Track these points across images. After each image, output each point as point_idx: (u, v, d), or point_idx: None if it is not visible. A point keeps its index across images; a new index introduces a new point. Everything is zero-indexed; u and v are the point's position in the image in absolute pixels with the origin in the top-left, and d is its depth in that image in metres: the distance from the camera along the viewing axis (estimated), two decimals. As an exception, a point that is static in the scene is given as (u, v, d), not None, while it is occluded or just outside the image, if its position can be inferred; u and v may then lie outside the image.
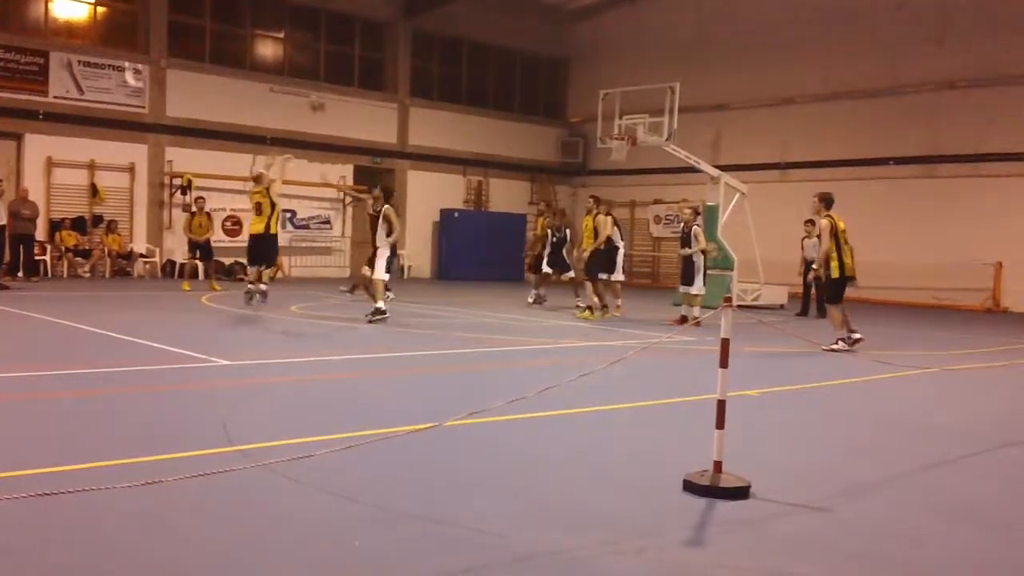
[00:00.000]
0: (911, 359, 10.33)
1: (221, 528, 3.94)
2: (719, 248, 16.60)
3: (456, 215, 26.72)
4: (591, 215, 15.09)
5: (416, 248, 26.71)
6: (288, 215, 22.97)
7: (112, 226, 20.94)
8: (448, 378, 8.72)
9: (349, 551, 3.73)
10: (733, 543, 4.04)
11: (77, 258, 20.49)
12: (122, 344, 9.77)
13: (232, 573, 3.48)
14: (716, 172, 17.96)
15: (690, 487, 4.68)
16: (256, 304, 13.12)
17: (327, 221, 25.06)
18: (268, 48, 24.96)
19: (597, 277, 14.82)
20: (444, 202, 26.96)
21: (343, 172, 24.63)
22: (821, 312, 16.07)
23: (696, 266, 14.32)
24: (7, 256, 17.74)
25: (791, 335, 11.28)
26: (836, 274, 11.07)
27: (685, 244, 14.57)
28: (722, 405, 4.75)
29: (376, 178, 26.03)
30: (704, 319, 7.15)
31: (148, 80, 21.83)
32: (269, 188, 13.43)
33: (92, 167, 21.01)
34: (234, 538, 3.83)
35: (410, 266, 26.36)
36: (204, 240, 18.21)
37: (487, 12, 27.01)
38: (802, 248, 17.55)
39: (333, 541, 3.82)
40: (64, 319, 11.70)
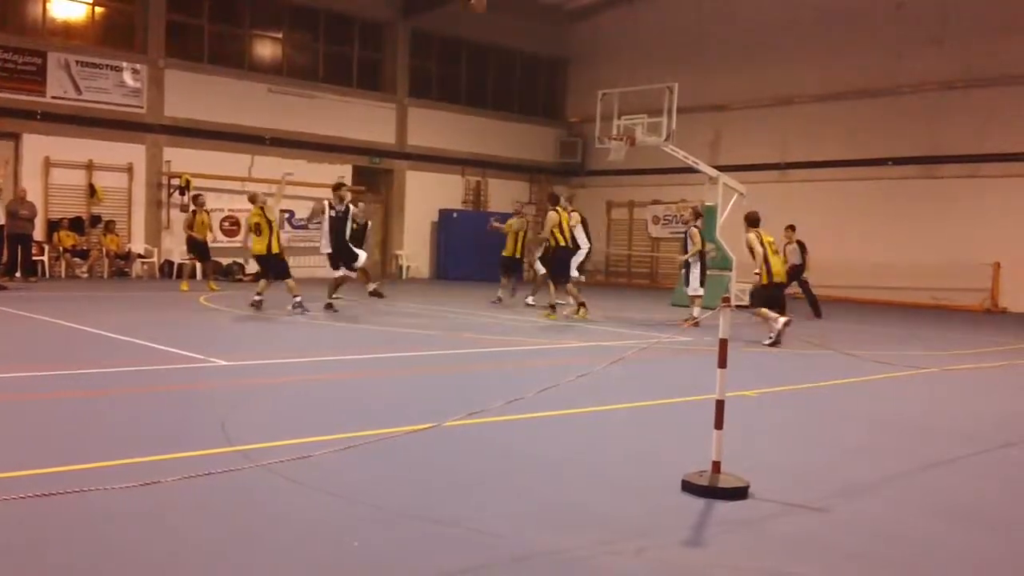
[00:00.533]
0: (910, 359, 10.33)
1: (220, 528, 3.94)
2: (718, 248, 16.61)
3: (455, 215, 26.69)
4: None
5: (415, 248, 26.70)
6: (287, 215, 22.96)
7: (110, 226, 20.91)
8: (447, 378, 8.72)
9: (348, 551, 3.73)
10: (732, 543, 4.04)
11: (75, 258, 20.46)
12: (120, 344, 9.77)
13: (231, 573, 3.48)
14: (715, 173, 17.96)
15: (688, 487, 4.68)
16: (296, 313, 13.23)
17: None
18: (266, 48, 24.94)
19: (554, 278, 14.55)
20: (443, 202, 26.94)
21: (342, 172, 24.63)
22: (817, 312, 17.09)
23: (690, 268, 14.37)
24: (5, 256, 17.72)
25: (790, 335, 11.30)
26: (765, 280, 12.02)
27: (684, 247, 14.64)
28: (721, 405, 4.75)
29: (375, 178, 26.17)
30: (703, 319, 7.15)
31: (146, 80, 21.81)
32: (264, 208, 13.36)
33: (90, 167, 20.99)
34: (233, 538, 3.83)
35: (409, 266, 26.35)
36: (203, 239, 18.19)
37: (486, 12, 26.95)
38: (784, 253, 17.64)
39: (332, 541, 3.81)
40: (62, 319, 11.69)
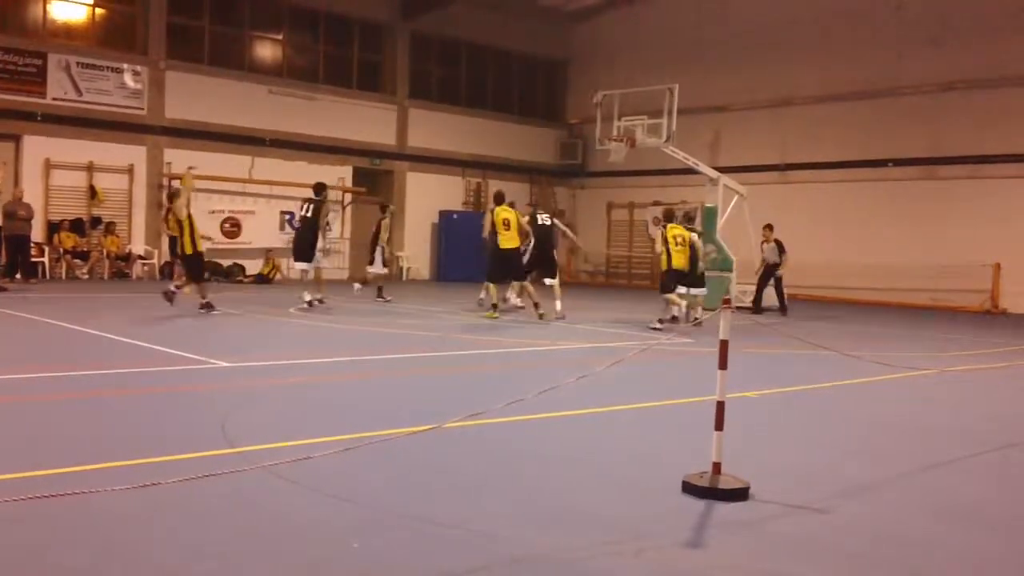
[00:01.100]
0: (910, 360, 10.34)
1: (220, 530, 3.94)
2: (718, 250, 16.62)
3: (455, 216, 26.67)
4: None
5: (415, 250, 26.69)
6: (287, 217, 22.96)
7: (110, 228, 20.91)
8: (447, 379, 8.72)
9: (348, 552, 3.73)
10: (732, 544, 4.04)
11: (75, 260, 20.44)
12: (121, 346, 9.77)
13: (231, 574, 3.48)
14: (715, 174, 17.98)
15: (689, 488, 4.67)
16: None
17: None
18: (267, 50, 24.94)
19: (488, 276, 14.44)
20: (443, 203, 26.92)
21: (342, 174, 24.64)
22: (783, 309, 17.54)
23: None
24: (4, 258, 17.71)
25: (790, 336, 11.28)
26: (665, 267, 13.58)
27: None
28: (721, 406, 4.75)
29: (375, 180, 26.16)
30: (703, 319, 7.15)
31: (147, 82, 21.81)
32: (173, 207, 12.92)
33: (91, 169, 20.98)
34: (233, 540, 3.82)
35: (409, 268, 26.34)
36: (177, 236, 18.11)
37: (486, 13, 27.01)
38: (761, 251, 17.73)
39: (332, 542, 3.81)
40: (63, 321, 11.69)
